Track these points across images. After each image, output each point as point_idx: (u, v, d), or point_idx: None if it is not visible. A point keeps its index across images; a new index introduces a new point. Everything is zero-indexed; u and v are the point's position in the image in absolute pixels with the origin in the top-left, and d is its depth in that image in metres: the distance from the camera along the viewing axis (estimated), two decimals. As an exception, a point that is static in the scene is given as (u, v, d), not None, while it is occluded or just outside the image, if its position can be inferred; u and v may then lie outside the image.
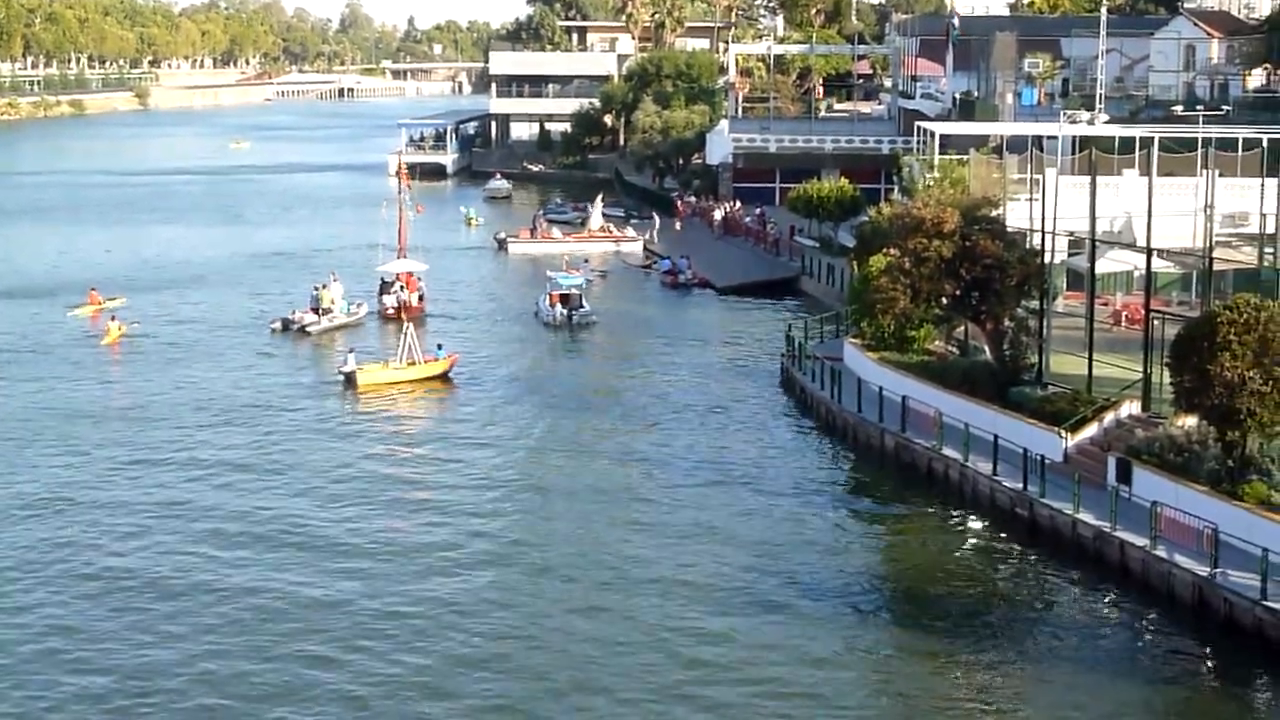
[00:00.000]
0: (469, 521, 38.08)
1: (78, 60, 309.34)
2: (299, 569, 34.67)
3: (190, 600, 32.63)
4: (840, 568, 34.89)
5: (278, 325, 62.46)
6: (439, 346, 55.14)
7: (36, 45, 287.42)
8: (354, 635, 30.71)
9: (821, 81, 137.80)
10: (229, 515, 38.52)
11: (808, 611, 32.10)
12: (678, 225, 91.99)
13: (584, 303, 64.72)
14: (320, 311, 62.87)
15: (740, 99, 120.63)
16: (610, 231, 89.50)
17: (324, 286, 64.56)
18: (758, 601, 32.57)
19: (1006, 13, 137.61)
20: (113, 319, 61.58)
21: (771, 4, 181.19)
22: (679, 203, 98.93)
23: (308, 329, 61.77)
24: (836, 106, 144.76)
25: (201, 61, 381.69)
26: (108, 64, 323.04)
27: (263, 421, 48.00)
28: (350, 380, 52.07)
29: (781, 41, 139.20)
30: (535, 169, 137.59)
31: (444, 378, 53.54)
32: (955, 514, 38.86)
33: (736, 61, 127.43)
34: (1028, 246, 44.89)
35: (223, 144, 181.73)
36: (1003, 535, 37.15)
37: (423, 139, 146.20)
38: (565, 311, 63.72)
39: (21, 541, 36.49)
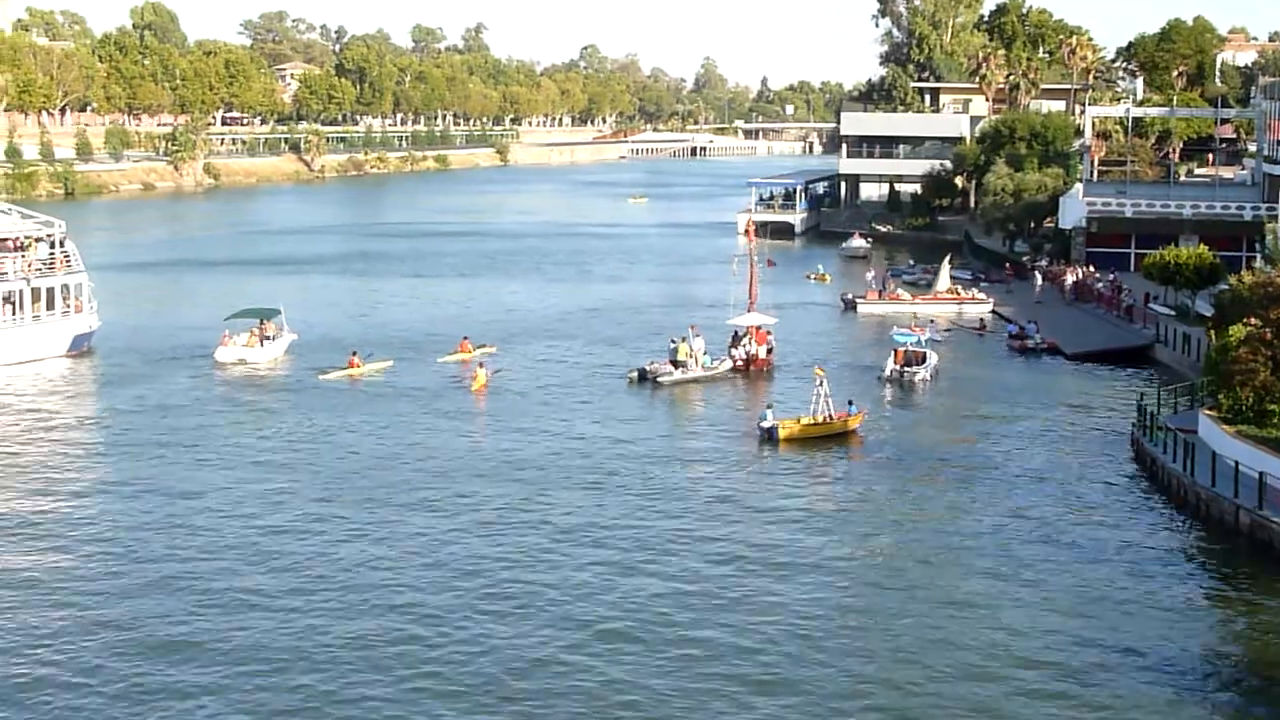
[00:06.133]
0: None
1: (443, 117, 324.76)
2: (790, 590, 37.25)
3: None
4: (1184, 645, 34.15)
5: (634, 375, 64.26)
6: (850, 403, 55.93)
7: (406, 103, 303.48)
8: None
9: (1181, 145, 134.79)
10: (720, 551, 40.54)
11: (1144, 687, 31.62)
12: (1036, 288, 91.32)
13: (925, 361, 65.22)
14: (676, 364, 64.72)
15: (1096, 162, 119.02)
16: (958, 293, 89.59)
17: (682, 339, 66.16)
18: (1095, 670, 32.35)
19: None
20: (480, 365, 64.70)
21: (1131, 66, 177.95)
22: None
23: (660, 380, 63.57)
24: (1196, 171, 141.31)
25: (560, 119, 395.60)
26: (471, 121, 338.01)
27: (693, 473, 49.33)
28: (771, 435, 53.14)
29: (1141, 104, 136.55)
30: (884, 229, 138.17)
31: (853, 433, 54.56)
32: (1313, 596, 37.77)
33: (1093, 124, 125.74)
34: (1398, 321, 43.64)
35: (576, 201, 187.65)
36: (1364, 621, 36.02)
37: (772, 198, 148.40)
38: (900, 369, 64.53)
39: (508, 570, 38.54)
